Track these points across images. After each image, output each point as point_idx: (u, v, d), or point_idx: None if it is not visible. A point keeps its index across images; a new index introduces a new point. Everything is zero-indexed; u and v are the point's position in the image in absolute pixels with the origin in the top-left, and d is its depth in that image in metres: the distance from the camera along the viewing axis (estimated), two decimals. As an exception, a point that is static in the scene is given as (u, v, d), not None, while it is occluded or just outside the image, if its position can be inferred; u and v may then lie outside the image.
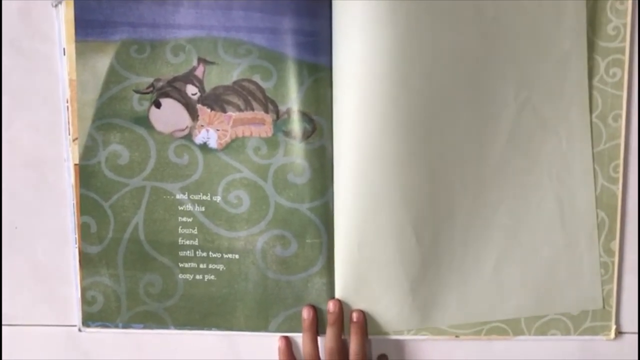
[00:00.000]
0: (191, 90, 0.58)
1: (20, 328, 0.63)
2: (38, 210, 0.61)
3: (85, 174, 0.60)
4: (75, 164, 0.59)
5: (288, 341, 0.61)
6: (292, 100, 0.58)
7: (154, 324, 0.61)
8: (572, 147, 0.59)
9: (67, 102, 0.59)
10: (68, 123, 0.59)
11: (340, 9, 0.56)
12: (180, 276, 0.60)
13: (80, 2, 0.57)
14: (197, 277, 0.60)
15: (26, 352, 0.63)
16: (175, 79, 0.58)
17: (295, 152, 0.58)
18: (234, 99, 0.58)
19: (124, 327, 0.61)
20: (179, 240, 0.60)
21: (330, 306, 0.59)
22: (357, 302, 0.60)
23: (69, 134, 0.59)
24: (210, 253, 0.60)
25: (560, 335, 0.61)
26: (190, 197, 0.60)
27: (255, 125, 0.59)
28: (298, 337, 0.61)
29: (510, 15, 0.57)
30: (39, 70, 0.59)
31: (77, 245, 0.60)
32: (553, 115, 0.58)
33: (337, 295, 0.60)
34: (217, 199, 0.60)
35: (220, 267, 0.60)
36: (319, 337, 0.60)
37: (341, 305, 0.60)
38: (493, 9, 0.56)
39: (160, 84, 0.58)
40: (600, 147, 0.59)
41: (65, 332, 0.62)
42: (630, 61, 0.58)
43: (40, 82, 0.59)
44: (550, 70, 0.58)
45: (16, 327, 0.63)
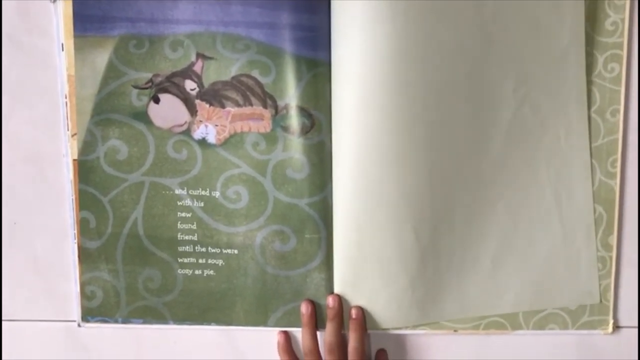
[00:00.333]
0: (190, 85, 0.58)
1: (20, 323, 0.63)
2: (37, 205, 0.61)
3: (84, 170, 0.60)
4: (74, 160, 0.59)
5: (287, 336, 0.61)
6: (290, 95, 0.58)
7: (153, 319, 0.61)
8: (570, 142, 0.59)
9: (65, 98, 0.59)
10: (67, 118, 0.59)
11: (339, 4, 0.56)
12: (179, 271, 0.61)
13: (78, -3, 0.57)
14: (196, 272, 0.61)
15: (26, 347, 0.63)
16: (174, 75, 0.58)
17: (294, 147, 0.58)
18: (233, 95, 0.58)
19: (123, 322, 0.61)
20: (178, 236, 0.60)
21: (330, 301, 0.60)
22: (356, 297, 0.60)
23: (67, 130, 0.59)
24: (209, 248, 0.60)
25: (558, 330, 0.61)
26: (189, 192, 0.60)
27: (253, 121, 0.59)
28: (297, 331, 0.61)
29: (509, 11, 0.57)
30: (37, 65, 0.59)
31: (76, 241, 0.60)
32: (551, 111, 0.58)
33: (336, 291, 0.60)
34: (216, 194, 0.60)
35: (219, 262, 0.60)
36: (318, 332, 0.60)
37: (341, 301, 0.60)
38: (492, 4, 0.56)
39: (158, 80, 0.58)
40: (598, 142, 0.59)
41: (65, 327, 0.63)
42: (628, 56, 0.58)
43: (39, 77, 0.59)
44: (548, 66, 0.58)
45: (15, 323, 0.63)
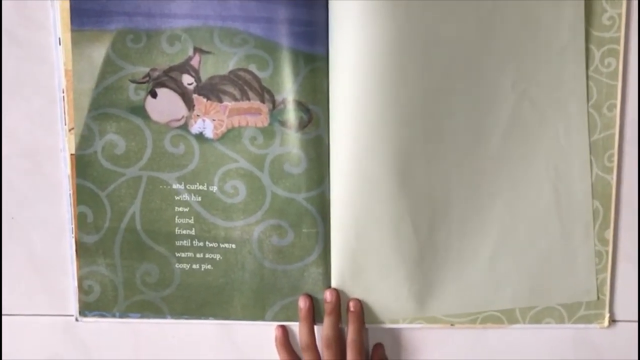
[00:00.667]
0: (187, 80, 0.58)
1: (18, 318, 0.63)
2: (34, 200, 0.61)
3: (82, 164, 0.59)
4: (71, 154, 0.59)
5: (285, 330, 0.61)
6: (288, 89, 0.58)
7: (151, 314, 0.61)
8: (569, 138, 0.59)
9: (63, 92, 0.59)
10: (64, 113, 0.59)
11: (336, -2, 0.56)
12: (177, 266, 0.61)
13: (75, -8, 0.57)
14: (194, 266, 0.61)
15: (23, 341, 0.63)
16: (171, 69, 0.58)
17: (292, 142, 0.58)
18: (230, 89, 0.58)
19: (121, 317, 0.61)
20: (176, 230, 0.60)
21: (328, 295, 0.60)
22: (354, 291, 0.60)
23: (65, 124, 0.59)
24: (206, 243, 0.60)
25: (555, 324, 0.61)
26: (187, 187, 0.60)
27: (251, 115, 0.59)
28: (295, 325, 0.61)
29: (508, 6, 0.57)
30: (34, 60, 0.59)
31: (73, 235, 0.60)
32: (551, 106, 0.58)
33: (334, 285, 0.60)
34: (214, 188, 0.60)
35: (217, 256, 0.60)
36: (315, 326, 0.60)
37: (338, 295, 0.60)
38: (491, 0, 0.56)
39: (156, 74, 0.58)
40: (595, 136, 0.59)
41: (62, 322, 0.63)
42: (625, 51, 0.58)
43: (36, 71, 0.59)
44: (548, 62, 0.58)
45: (13, 317, 0.63)
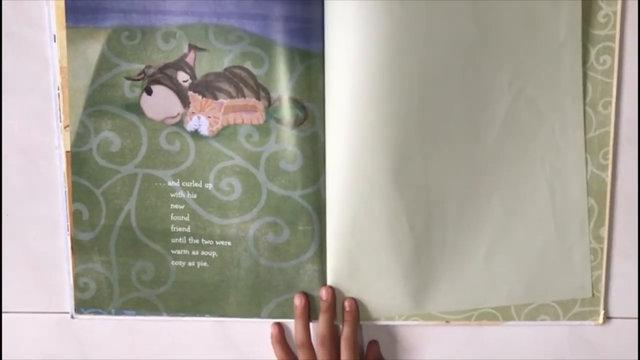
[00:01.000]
0: (182, 77, 0.58)
1: (12, 315, 0.63)
2: (30, 197, 0.61)
3: (77, 161, 0.59)
4: (66, 151, 0.59)
5: (281, 327, 0.62)
6: (283, 87, 0.58)
7: (147, 311, 0.61)
8: (565, 136, 0.59)
9: (58, 89, 0.59)
10: (59, 110, 0.59)
11: (331, -5, 0.56)
12: (172, 263, 0.61)
13: (70, -12, 0.57)
14: (190, 264, 0.61)
15: (19, 338, 0.63)
16: (166, 66, 0.58)
17: (287, 139, 0.58)
18: (225, 86, 0.58)
19: (117, 314, 0.61)
20: (171, 227, 0.60)
21: (323, 294, 0.60)
22: (349, 289, 0.60)
23: (60, 121, 0.59)
24: (202, 240, 0.60)
25: (550, 321, 0.61)
26: (182, 184, 0.60)
27: (246, 113, 0.59)
28: (291, 323, 0.61)
29: (505, 4, 0.56)
30: (29, 57, 0.59)
31: (69, 232, 0.60)
32: (547, 104, 0.58)
33: (329, 282, 0.60)
34: (209, 186, 0.60)
35: (213, 254, 0.60)
36: (311, 323, 0.60)
37: (334, 293, 0.60)
38: (487, -3, 0.56)
39: (151, 71, 0.58)
40: (590, 134, 0.59)
41: (58, 319, 0.63)
42: (620, 49, 0.58)
43: (31, 68, 0.59)
44: (544, 60, 0.58)
45: (8, 315, 0.63)
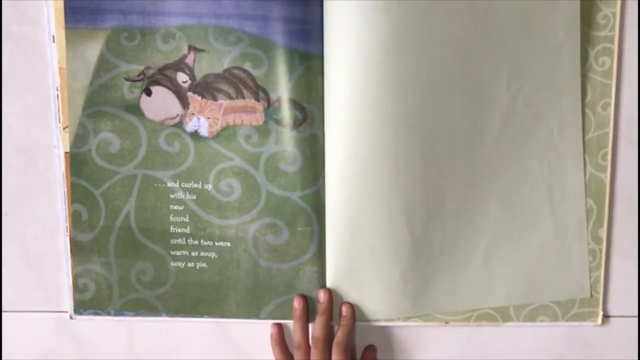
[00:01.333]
0: (182, 78, 0.58)
1: (11, 314, 0.63)
2: (29, 198, 0.61)
3: (76, 162, 0.59)
4: (65, 152, 0.59)
5: (280, 328, 0.62)
6: (283, 88, 0.58)
7: (146, 312, 0.61)
8: (563, 137, 0.59)
9: (57, 90, 0.59)
10: (58, 111, 0.59)
11: (331, -4, 0.56)
12: (172, 264, 0.61)
13: (69, -11, 0.57)
14: (189, 264, 0.61)
15: (17, 338, 0.63)
16: (166, 67, 0.58)
17: (287, 140, 0.58)
18: (225, 87, 0.58)
19: (116, 315, 0.61)
20: (171, 228, 0.60)
21: (321, 296, 0.60)
22: (349, 290, 0.60)
23: (59, 122, 0.59)
24: (201, 241, 0.60)
25: (549, 322, 0.61)
26: (182, 185, 0.60)
27: (246, 114, 0.59)
28: (290, 324, 0.61)
29: (504, 5, 0.57)
30: (28, 57, 0.59)
31: (68, 233, 0.60)
32: (545, 105, 0.58)
33: (329, 283, 0.60)
34: (209, 187, 0.60)
35: (212, 255, 0.60)
36: (310, 324, 0.61)
37: (331, 295, 0.60)
38: (486, -2, 0.56)
39: (150, 72, 0.58)
40: (589, 135, 0.59)
41: (57, 319, 0.63)
42: (619, 50, 0.58)
43: (30, 69, 0.59)
44: (543, 60, 0.58)
45: (7, 314, 0.63)
